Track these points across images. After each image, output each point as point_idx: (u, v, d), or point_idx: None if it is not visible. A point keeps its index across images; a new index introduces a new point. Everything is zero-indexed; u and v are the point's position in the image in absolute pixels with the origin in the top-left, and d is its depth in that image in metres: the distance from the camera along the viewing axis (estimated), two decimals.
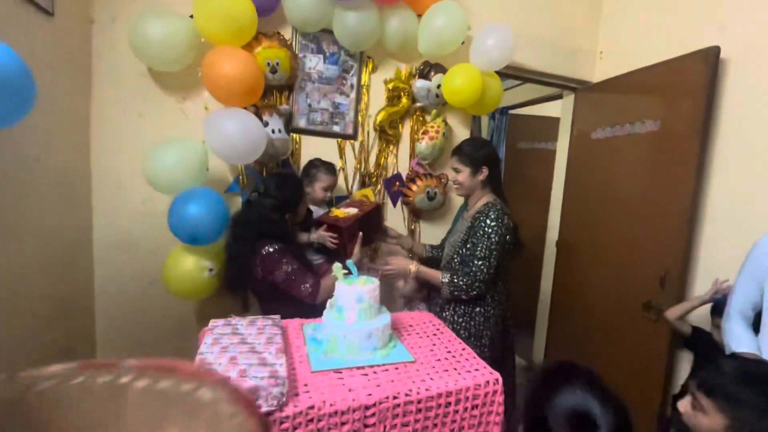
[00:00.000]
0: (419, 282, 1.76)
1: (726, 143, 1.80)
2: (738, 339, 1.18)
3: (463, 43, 2.00)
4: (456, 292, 1.48)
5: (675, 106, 1.89)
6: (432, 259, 1.83)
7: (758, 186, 1.67)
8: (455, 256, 1.57)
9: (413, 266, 1.53)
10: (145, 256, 1.75)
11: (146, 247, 1.75)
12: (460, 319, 1.55)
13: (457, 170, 1.57)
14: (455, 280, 1.47)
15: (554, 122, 2.92)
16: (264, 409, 0.84)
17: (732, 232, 1.76)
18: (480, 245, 1.46)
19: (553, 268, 2.73)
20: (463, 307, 1.56)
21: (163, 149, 1.47)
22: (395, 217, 2.21)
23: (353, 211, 1.66)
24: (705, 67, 1.74)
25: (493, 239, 1.46)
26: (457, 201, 2.28)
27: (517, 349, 3.35)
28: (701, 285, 1.83)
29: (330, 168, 1.81)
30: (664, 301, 1.87)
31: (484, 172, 1.55)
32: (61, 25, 1.40)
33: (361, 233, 1.60)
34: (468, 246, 1.52)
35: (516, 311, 3.43)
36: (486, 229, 1.47)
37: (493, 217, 1.48)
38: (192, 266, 1.62)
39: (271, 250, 1.46)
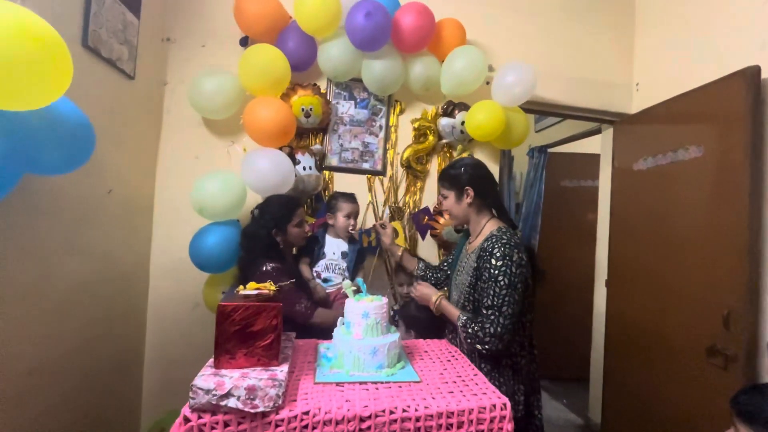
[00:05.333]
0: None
1: None
2: None
3: (488, 83, 2.10)
4: (470, 340, 1.26)
5: (718, 130, 1.78)
6: (424, 280, 1.64)
7: None
8: (467, 303, 1.34)
9: (435, 297, 1.39)
10: (192, 281, 1.92)
11: (193, 273, 1.93)
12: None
13: (444, 196, 1.42)
14: (469, 326, 1.27)
15: (595, 159, 2.83)
16: (260, 409, 0.88)
17: None
18: (488, 291, 1.24)
19: (605, 311, 2.50)
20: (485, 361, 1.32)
21: (208, 180, 1.69)
22: (427, 249, 2.23)
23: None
24: (745, 88, 1.64)
25: (501, 283, 1.22)
26: None
27: (570, 404, 3.02)
28: None
29: (350, 197, 1.82)
30: (730, 344, 1.63)
31: (470, 193, 1.36)
32: (139, 86, 1.74)
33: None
34: (477, 291, 1.31)
35: (568, 363, 3.13)
36: (492, 271, 1.23)
37: (498, 255, 1.24)
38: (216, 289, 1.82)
39: (268, 268, 1.49)
